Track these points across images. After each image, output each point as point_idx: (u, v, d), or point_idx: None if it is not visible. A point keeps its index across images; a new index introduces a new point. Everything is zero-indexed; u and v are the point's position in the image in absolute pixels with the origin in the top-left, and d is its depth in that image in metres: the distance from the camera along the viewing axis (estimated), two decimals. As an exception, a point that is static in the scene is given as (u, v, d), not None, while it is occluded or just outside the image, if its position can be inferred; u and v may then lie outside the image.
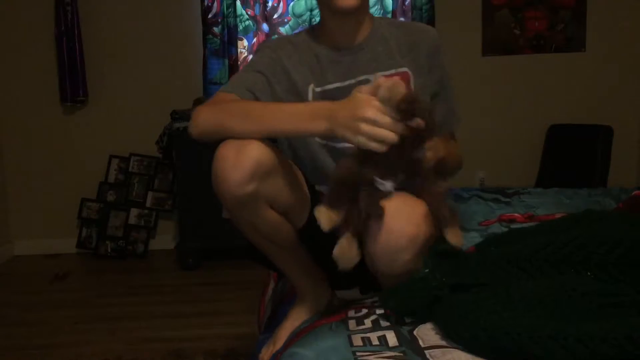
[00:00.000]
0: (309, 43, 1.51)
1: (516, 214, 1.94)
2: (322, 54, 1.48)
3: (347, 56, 1.47)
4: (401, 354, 1.03)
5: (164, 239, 3.81)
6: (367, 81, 1.43)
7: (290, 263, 1.43)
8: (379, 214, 1.15)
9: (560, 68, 3.78)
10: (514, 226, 1.83)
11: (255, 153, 1.20)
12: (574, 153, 3.63)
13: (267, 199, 1.26)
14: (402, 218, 1.17)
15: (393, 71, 1.45)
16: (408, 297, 1.17)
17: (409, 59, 1.46)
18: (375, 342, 1.09)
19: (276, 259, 1.43)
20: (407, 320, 1.16)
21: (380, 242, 1.17)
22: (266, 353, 1.45)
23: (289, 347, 1.17)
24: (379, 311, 1.24)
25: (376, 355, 1.03)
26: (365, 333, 1.13)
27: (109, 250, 3.70)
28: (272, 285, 1.81)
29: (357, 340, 1.10)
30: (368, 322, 1.19)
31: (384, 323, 1.17)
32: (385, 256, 1.18)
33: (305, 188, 1.37)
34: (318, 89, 1.47)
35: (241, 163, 1.20)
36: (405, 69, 1.45)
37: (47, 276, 3.36)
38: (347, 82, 1.45)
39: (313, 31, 1.54)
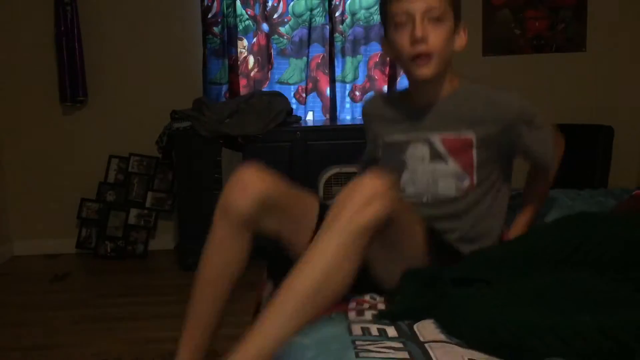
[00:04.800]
0: (397, 99, 1.65)
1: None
2: (399, 110, 1.61)
3: (418, 113, 1.55)
4: (401, 344, 1.03)
5: (164, 239, 3.81)
6: (426, 139, 1.51)
7: None
8: None
9: (560, 68, 3.77)
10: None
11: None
12: (574, 153, 3.60)
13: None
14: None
15: (456, 134, 1.49)
16: (413, 298, 1.18)
17: (478, 129, 1.49)
18: (375, 332, 1.09)
19: None
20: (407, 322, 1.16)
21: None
22: None
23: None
24: (381, 306, 1.24)
25: (376, 345, 1.02)
26: (365, 324, 1.13)
27: (109, 251, 3.70)
28: (268, 285, 1.80)
29: (356, 329, 1.10)
30: (368, 315, 1.19)
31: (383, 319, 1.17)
32: None
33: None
34: (386, 140, 1.61)
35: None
36: (469, 136, 1.48)
37: (47, 276, 3.36)
38: (409, 136, 1.55)
39: (405, 90, 1.67)
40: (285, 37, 3.76)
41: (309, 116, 3.78)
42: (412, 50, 1.43)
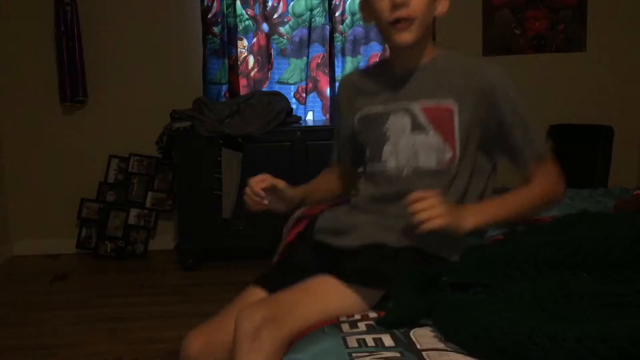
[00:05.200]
0: (376, 69, 1.62)
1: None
2: (377, 81, 1.56)
3: (397, 82, 1.51)
4: (398, 354, 1.03)
5: (164, 239, 3.81)
6: (406, 109, 1.46)
7: None
8: None
9: (560, 68, 3.77)
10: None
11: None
12: (574, 153, 3.61)
13: None
14: None
15: (436, 102, 1.45)
16: (408, 305, 1.17)
17: (457, 97, 1.44)
18: (371, 343, 1.08)
19: None
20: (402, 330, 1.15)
21: None
22: None
23: (285, 354, 1.16)
24: (372, 314, 1.23)
25: (373, 356, 1.02)
26: (360, 335, 1.12)
27: (109, 251, 3.70)
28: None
29: (352, 341, 1.09)
30: (362, 326, 1.18)
31: (378, 328, 1.16)
32: None
33: None
34: (365, 112, 1.54)
35: None
36: (449, 104, 1.44)
37: (47, 276, 3.36)
38: (389, 107, 1.49)
39: (384, 59, 1.67)
40: (285, 37, 3.76)
41: (309, 116, 3.78)
42: (392, 14, 1.38)
